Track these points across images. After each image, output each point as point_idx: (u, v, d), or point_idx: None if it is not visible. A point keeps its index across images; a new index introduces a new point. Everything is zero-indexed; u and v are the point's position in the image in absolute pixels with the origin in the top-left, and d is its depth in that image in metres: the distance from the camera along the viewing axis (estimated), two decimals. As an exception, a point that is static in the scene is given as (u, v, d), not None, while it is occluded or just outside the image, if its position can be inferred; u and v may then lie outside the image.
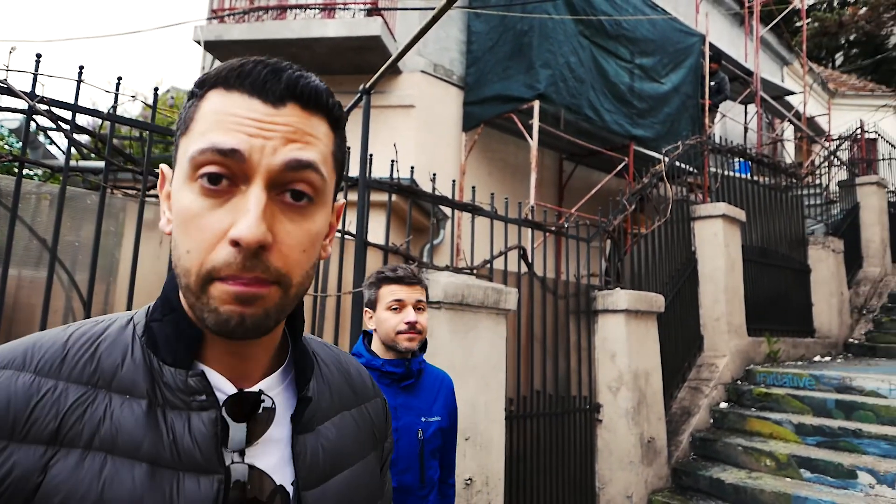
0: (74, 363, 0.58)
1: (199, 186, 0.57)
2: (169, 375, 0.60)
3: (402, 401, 1.89)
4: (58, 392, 0.55)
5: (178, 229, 0.58)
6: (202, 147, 0.57)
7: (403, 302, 1.87)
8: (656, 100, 7.55)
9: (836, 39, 20.58)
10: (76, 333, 0.60)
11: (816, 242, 7.62)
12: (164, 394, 0.59)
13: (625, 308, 4.29)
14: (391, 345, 1.87)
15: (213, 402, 0.60)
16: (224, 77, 0.59)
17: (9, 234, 2.00)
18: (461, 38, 7.12)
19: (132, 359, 0.60)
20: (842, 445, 4.29)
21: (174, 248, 0.59)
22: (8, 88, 1.97)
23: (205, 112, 0.59)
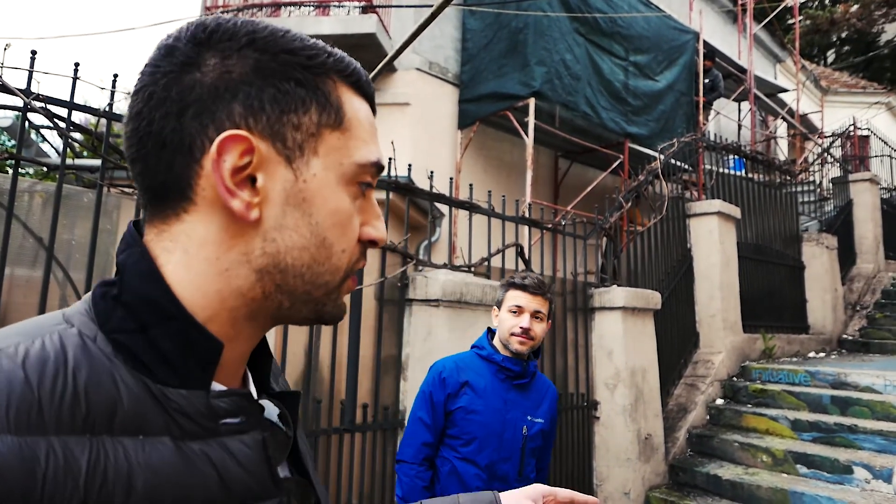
0: (57, 408, 0.43)
1: (355, 191, 0.58)
2: (181, 401, 0.49)
3: (513, 396, 2.07)
4: (61, 453, 0.42)
5: (334, 229, 0.56)
6: (372, 160, 0.58)
7: (522, 308, 2.04)
8: (651, 97, 7.57)
9: (827, 37, 20.70)
10: (31, 363, 0.44)
11: (810, 239, 7.66)
12: (179, 423, 0.49)
13: (621, 305, 4.30)
14: (505, 343, 2.07)
15: (255, 423, 0.54)
16: (354, 74, 0.59)
17: (4, 233, 1.98)
18: (456, 36, 7.11)
19: (128, 388, 0.47)
20: (838, 441, 4.31)
21: (314, 246, 0.55)
22: (3, 86, 1.95)
23: (359, 116, 0.59)
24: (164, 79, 0.51)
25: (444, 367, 2.11)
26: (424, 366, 3.07)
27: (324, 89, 0.55)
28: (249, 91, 0.52)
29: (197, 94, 0.51)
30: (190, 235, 0.53)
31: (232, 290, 0.53)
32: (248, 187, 0.52)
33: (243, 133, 0.51)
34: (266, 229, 0.53)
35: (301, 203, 0.54)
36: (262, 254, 0.53)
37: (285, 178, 0.53)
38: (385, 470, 3.01)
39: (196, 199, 0.52)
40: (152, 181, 0.53)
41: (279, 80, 0.53)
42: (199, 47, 0.52)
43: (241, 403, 0.53)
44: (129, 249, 0.53)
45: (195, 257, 0.52)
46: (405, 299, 3.18)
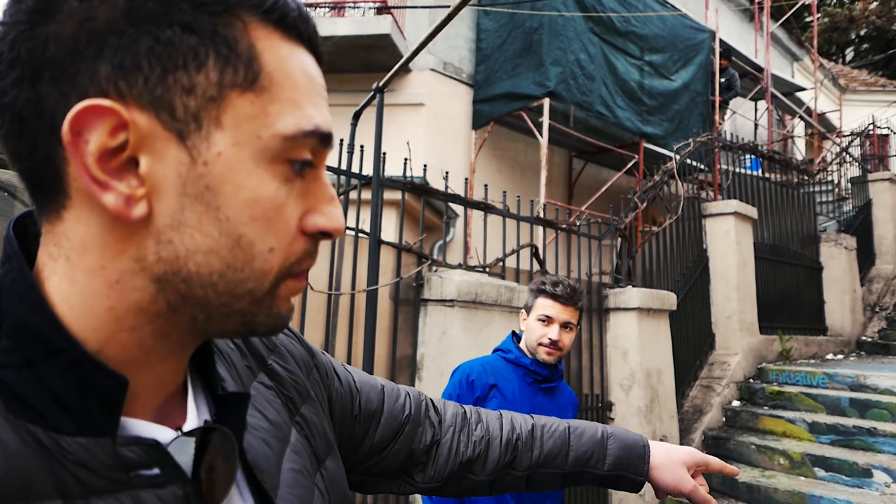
0: None
1: (284, 171, 0.44)
2: (80, 452, 0.39)
3: (541, 401, 2.00)
4: None
5: (257, 224, 0.43)
6: (307, 129, 0.44)
7: (552, 319, 1.96)
8: (666, 97, 7.52)
9: (846, 35, 20.44)
10: None
11: (829, 240, 7.57)
12: (79, 478, 0.38)
13: (636, 306, 4.28)
14: (532, 352, 2.00)
15: (174, 476, 0.43)
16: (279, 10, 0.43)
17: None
18: (471, 36, 7.12)
19: (3, 444, 0.36)
20: (856, 444, 4.26)
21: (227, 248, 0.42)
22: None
23: (286, 67, 0.44)
24: (11, 31, 0.39)
25: (472, 370, 2.01)
26: (439, 365, 3.09)
27: (226, 34, 0.41)
28: (119, 43, 0.38)
29: (52, 51, 0.38)
30: (70, 239, 0.41)
31: (128, 307, 0.42)
32: (131, 174, 0.40)
33: (108, 103, 0.38)
34: (159, 228, 0.41)
35: (203, 192, 0.41)
36: (157, 259, 0.41)
37: (179, 161, 0.40)
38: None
39: (70, 192, 0.40)
40: (21, 167, 0.41)
41: (159, 26, 0.39)
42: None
43: (155, 455, 0.42)
44: (8, 262, 0.42)
45: (78, 267, 0.41)
46: (420, 299, 3.20)
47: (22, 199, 2.22)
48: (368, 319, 2.91)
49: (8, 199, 2.29)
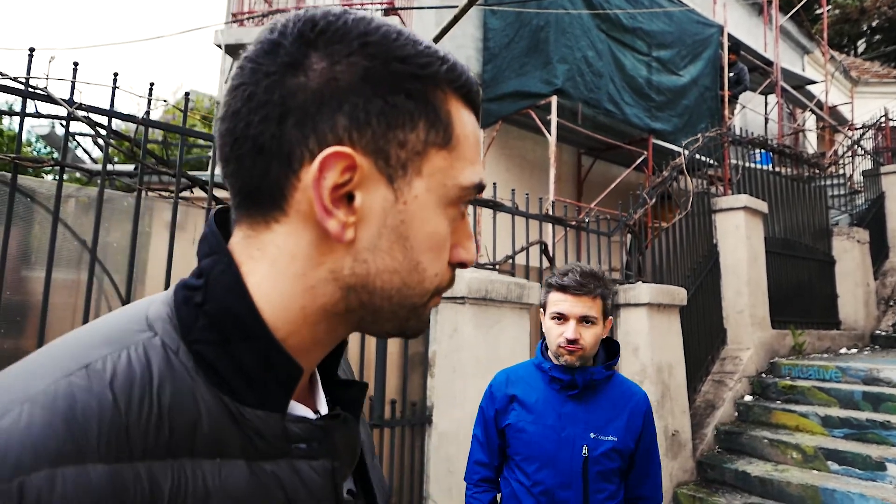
0: (143, 432, 0.42)
1: (454, 213, 0.54)
2: (258, 422, 0.48)
3: (570, 410, 1.76)
4: (146, 481, 0.41)
5: (429, 253, 0.52)
6: (476, 182, 0.54)
7: (565, 315, 1.75)
8: (674, 92, 7.51)
9: (858, 26, 20.23)
10: (119, 384, 0.43)
11: (841, 233, 7.52)
12: (254, 444, 0.47)
13: (647, 302, 4.29)
14: (555, 355, 1.80)
15: (326, 451, 0.52)
16: (466, 84, 0.54)
17: (51, 236, 2.08)
18: (477, 35, 7.14)
19: (207, 409, 0.46)
20: (870, 437, 4.25)
21: (406, 270, 0.52)
22: (49, 96, 2.05)
23: (467, 132, 0.54)
24: (265, 79, 0.48)
25: (495, 380, 1.89)
26: (451, 362, 3.13)
27: (434, 103, 0.51)
28: (357, 102, 0.48)
29: (300, 100, 0.47)
30: (280, 247, 0.50)
31: (316, 308, 0.51)
32: (345, 205, 0.49)
33: (348, 150, 0.47)
34: (358, 249, 0.50)
35: (399, 225, 0.50)
36: (350, 273, 0.50)
37: (385, 198, 0.50)
38: (413, 464, 3.07)
39: (289, 211, 0.49)
40: (245, 185, 0.50)
41: (389, 92, 0.49)
42: (307, 47, 0.48)
43: (314, 431, 0.51)
44: (214, 255, 0.50)
45: (283, 272, 0.50)
46: (431, 297, 3.24)
47: (41, 203, 2.29)
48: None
49: (29, 204, 2.36)
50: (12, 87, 2.05)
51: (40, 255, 2.31)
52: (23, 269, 2.41)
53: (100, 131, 2.19)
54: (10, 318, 2.21)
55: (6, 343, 2.28)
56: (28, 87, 2.08)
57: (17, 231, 2.35)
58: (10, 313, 2.33)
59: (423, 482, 3.09)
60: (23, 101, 2.07)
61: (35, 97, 2.09)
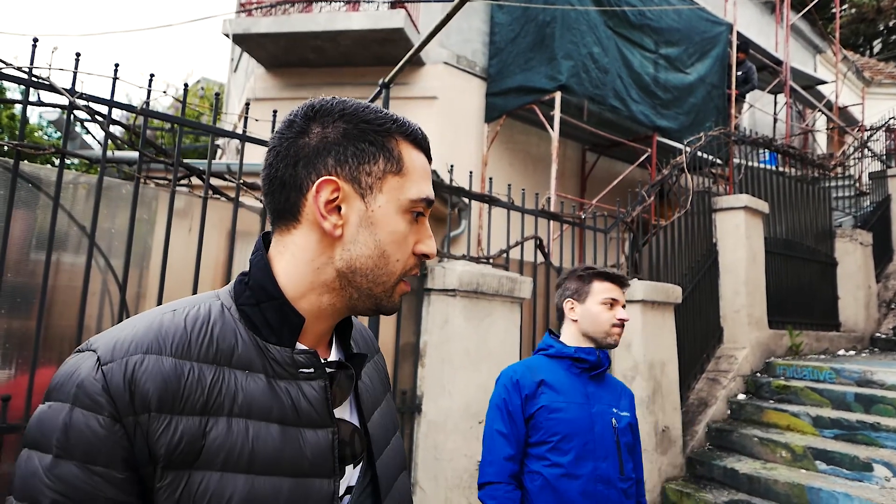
0: (199, 345, 0.71)
1: (410, 218, 0.80)
2: (277, 353, 0.75)
3: (593, 389, 1.92)
4: (197, 372, 0.69)
5: (392, 245, 0.79)
6: (423, 197, 0.80)
7: (617, 300, 1.97)
8: (681, 90, 7.50)
9: (874, 26, 19.99)
10: (189, 318, 0.73)
11: (844, 235, 7.51)
12: (273, 368, 0.74)
13: (641, 298, 4.33)
14: (600, 338, 1.95)
15: (321, 374, 0.78)
16: (412, 134, 0.81)
17: (52, 222, 2.16)
18: (484, 30, 7.17)
19: (243, 340, 0.74)
20: (859, 438, 4.28)
21: (378, 256, 0.78)
22: (51, 86, 2.12)
23: (415, 164, 0.81)
24: (286, 142, 0.78)
25: (515, 371, 1.95)
26: (441, 353, 3.19)
27: (388, 146, 0.79)
28: (339, 149, 0.77)
29: (306, 151, 0.77)
30: (297, 244, 0.78)
31: (320, 281, 0.79)
32: (336, 213, 0.77)
33: (333, 178, 0.76)
34: (345, 242, 0.77)
35: (370, 225, 0.78)
36: (341, 258, 0.78)
37: (360, 208, 0.78)
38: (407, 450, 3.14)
39: (301, 220, 0.78)
40: (275, 207, 0.79)
41: (359, 142, 0.78)
42: (309, 120, 0.78)
43: (312, 360, 0.77)
44: (257, 252, 0.80)
45: (299, 259, 0.78)
46: (424, 289, 3.30)
47: (45, 192, 2.37)
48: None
49: (32, 189, 2.44)
50: (16, 76, 2.13)
51: (42, 240, 2.39)
52: (25, 253, 2.50)
53: (100, 120, 2.26)
54: (11, 298, 2.29)
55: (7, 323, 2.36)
56: (31, 77, 2.16)
57: (21, 216, 2.43)
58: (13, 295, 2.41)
59: (411, 469, 3.16)
60: (25, 89, 2.14)
61: (37, 86, 2.16)
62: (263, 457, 0.69)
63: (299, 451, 0.72)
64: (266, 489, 0.69)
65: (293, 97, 6.86)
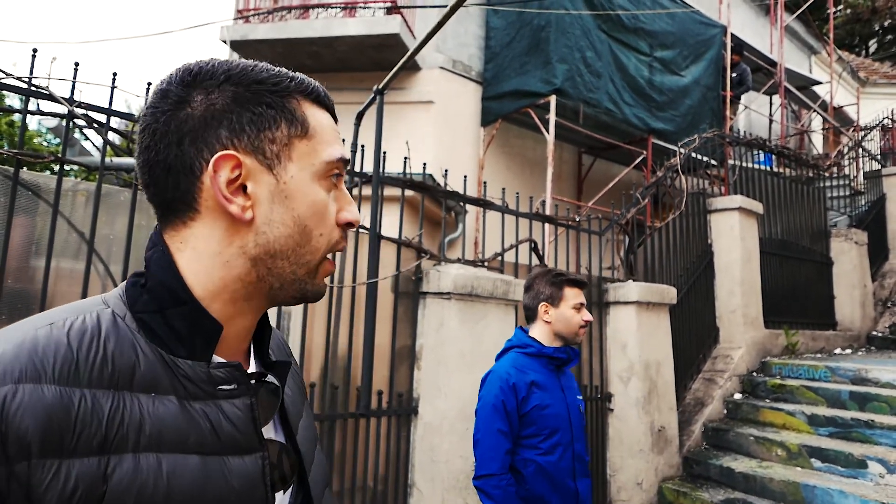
0: (90, 366, 0.56)
1: (329, 184, 0.70)
2: (188, 369, 0.62)
3: (565, 382, 2.25)
4: (90, 401, 0.55)
5: (313, 218, 0.68)
6: (336, 157, 0.70)
7: (583, 304, 2.28)
8: (676, 92, 7.56)
9: (869, 26, 20.08)
10: (73, 333, 0.58)
11: (839, 234, 7.55)
12: (185, 387, 0.61)
13: (636, 300, 4.37)
14: (570, 337, 2.26)
15: (245, 390, 0.66)
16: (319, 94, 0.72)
17: (51, 228, 2.20)
18: (479, 34, 7.22)
19: (144, 356, 0.60)
20: (854, 436, 4.32)
21: (298, 233, 0.67)
22: (50, 95, 2.16)
23: (323, 124, 0.71)
24: (162, 116, 0.64)
25: (510, 374, 2.15)
26: (437, 356, 3.23)
27: (290, 108, 0.68)
28: (231, 117, 0.65)
29: (190, 125, 0.64)
30: (197, 237, 0.65)
31: (232, 277, 0.66)
32: (241, 194, 0.65)
33: (231, 152, 0.64)
34: (258, 225, 0.65)
35: (284, 200, 0.66)
36: (255, 245, 0.66)
37: (269, 183, 0.66)
38: (399, 453, 3.17)
39: (200, 209, 0.65)
40: (163, 199, 0.66)
41: (254, 106, 0.66)
42: (188, 87, 0.65)
43: (234, 374, 0.65)
44: (155, 248, 0.66)
45: (203, 253, 0.65)
46: (419, 292, 3.34)
47: (44, 199, 2.41)
48: (368, 311, 3.06)
49: (32, 196, 2.48)
50: (16, 86, 2.17)
51: (42, 246, 2.43)
52: (25, 259, 2.54)
53: (98, 128, 2.31)
54: (12, 304, 2.33)
55: (9, 329, 2.41)
56: (31, 86, 2.20)
57: (21, 223, 2.47)
58: (12, 300, 2.45)
59: (408, 470, 3.19)
60: (25, 99, 2.18)
61: (37, 95, 2.21)
62: (183, 495, 0.57)
63: (225, 484, 0.61)
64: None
65: (290, 103, 6.90)
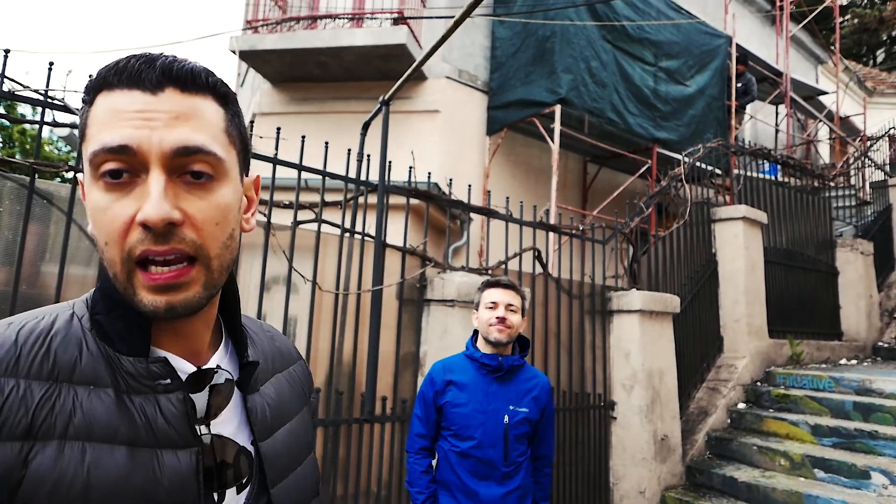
0: (30, 361, 0.60)
1: (103, 184, 0.61)
2: (128, 364, 0.64)
3: (495, 389, 2.27)
4: (21, 390, 0.58)
5: (95, 226, 0.63)
6: (95, 149, 0.60)
7: (497, 303, 2.28)
8: (681, 102, 7.59)
9: (876, 36, 20.06)
10: (23, 331, 0.62)
11: (844, 245, 7.55)
12: (126, 381, 0.63)
13: (639, 308, 4.40)
14: (486, 336, 2.28)
15: (178, 385, 0.66)
16: (104, 78, 0.62)
17: (65, 236, 2.26)
18: (485, 44, 7.29)
19: (89, 351, 0.63)
20: (857, 447, 4.32)
21: (98, 246, 0.63)
22: (65, 107, 2.23)
23: (95, 115, 0.62)
24: None
25: (434, 369, 2.37)
26: (440, 362, 3.27)
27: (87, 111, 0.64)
28: None
29: None
30: None
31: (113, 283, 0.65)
32: None
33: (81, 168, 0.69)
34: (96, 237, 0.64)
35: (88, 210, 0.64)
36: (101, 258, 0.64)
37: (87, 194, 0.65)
38: (402, 457, 3.21)
39: None
40: None
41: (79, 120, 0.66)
42: None
43: (168, 368, 0.66)
44: None
45: None
46: (423, 299, 3.38)
47: (58, 206, 2.47)
48: (373, 318, 3.11)
49: (46, 205, 2.55)
50: (33, 98, 2.24)
51: (55, 253, 2.49)
52: (39, 266, 2.60)
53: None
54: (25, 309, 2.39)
55: (22, 333, 2.47)
56: (46, 98, 2.27)
57: (35, 230, 2.54)
58: (28, 306, 2.51)
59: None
60: (41, 110, 2.25)
61: (52, 107, 2.28)
62: (103, 488, 0.58)
63: (152, 478, 0.61)
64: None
65: (298, 112, 7.00)
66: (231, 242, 0.68)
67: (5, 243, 2.46)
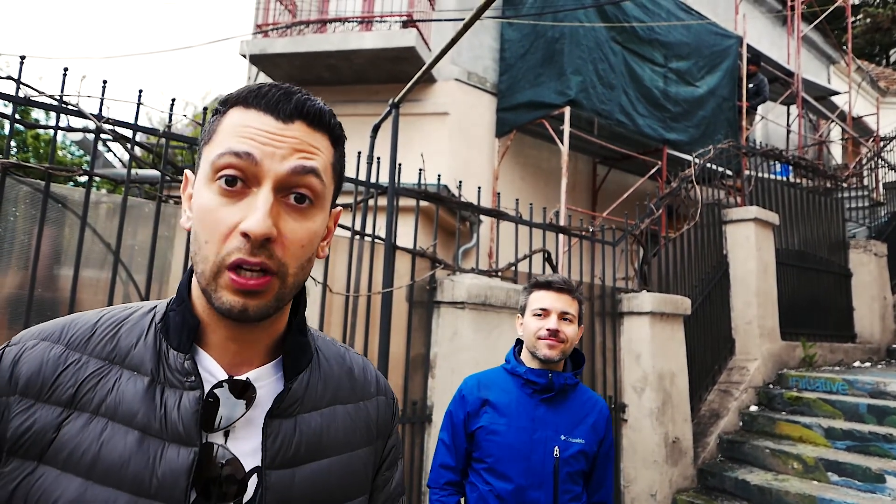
0: (99, 341, 0.70)
1: (218, 187, 0.67)
2: (172, 358, 0.70)
3: (542, 413, 1.83)
4: (80, 364, 0.67)
5: (198, 223, 0.68)
6: (221, 151, 0.67)
7: (548, 310, 1.84)
8: (691, 103, 7.56)
9: (889, 35, 19.85)
10: (106, 316, 0.73)
11: (858, 246, 7.48)
12: (166, 373, 0.69)
13: (649, 310, 4.38)
14: (532, 350, 1.85)
15: (199, 384, 0.69)
16: (244, 97, 0.70)
17: (79, 240, 2.28)
18: (494, 46, 7.30)
19: (145, 341, 0.71)
20: (872, 450, 4.27)
21: (194, 241, 0.68)
22: (80, 112, 2.26)
23: (225, 125, 0.69)
24: None
25: (466, 385, 1.94)
26: (451, 364, 3.27)
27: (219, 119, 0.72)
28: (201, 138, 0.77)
29: None
30: None
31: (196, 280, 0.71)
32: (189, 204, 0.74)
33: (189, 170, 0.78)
34: (192, 233, 0.70)
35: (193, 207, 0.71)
36: (192, 252, 0.70)
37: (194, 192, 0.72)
38: (413, 461, 3.21)
39: None
40: None
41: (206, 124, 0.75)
42: None
43: (192, 367, 0.70)
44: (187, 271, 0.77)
45: None
46: (433, 301, 3.39)
47: (72, 210, 2.50)
48: (383, 320, 3.11)
49: (60, 209, 2.58)
50: (48, 104, 2.27)
51: (70, 257, 2.52)
52: (54, 269, 2.63)
53: (125, 143, 2.40)
54: (41, 311, 2.42)
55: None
56: (61, 103, 2.30)
57: (49, 234, 2.57)
58: (43, 308, 2.54)
59: (422, 477, 3.23)
60: (56, 115, 2.28)
61: (67, 112, 2.31)
62: (106, 464, 0.63)
63: (148, 467, 0.64)
64: (97, 500, 0.62)
65: (308, 115, 7.02)
66: (308, 265, 0.73)
67: (21, 247, 2.49)
